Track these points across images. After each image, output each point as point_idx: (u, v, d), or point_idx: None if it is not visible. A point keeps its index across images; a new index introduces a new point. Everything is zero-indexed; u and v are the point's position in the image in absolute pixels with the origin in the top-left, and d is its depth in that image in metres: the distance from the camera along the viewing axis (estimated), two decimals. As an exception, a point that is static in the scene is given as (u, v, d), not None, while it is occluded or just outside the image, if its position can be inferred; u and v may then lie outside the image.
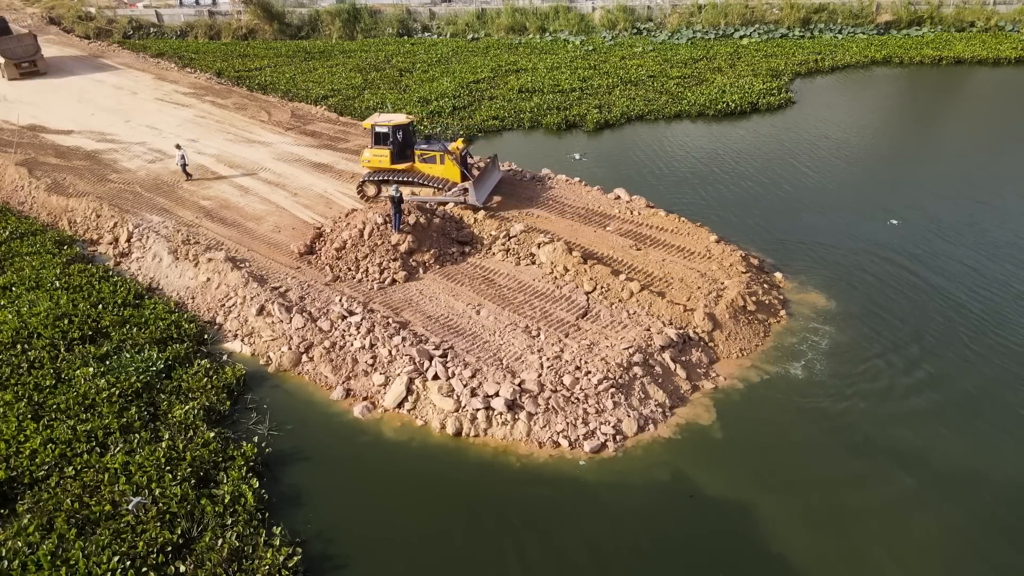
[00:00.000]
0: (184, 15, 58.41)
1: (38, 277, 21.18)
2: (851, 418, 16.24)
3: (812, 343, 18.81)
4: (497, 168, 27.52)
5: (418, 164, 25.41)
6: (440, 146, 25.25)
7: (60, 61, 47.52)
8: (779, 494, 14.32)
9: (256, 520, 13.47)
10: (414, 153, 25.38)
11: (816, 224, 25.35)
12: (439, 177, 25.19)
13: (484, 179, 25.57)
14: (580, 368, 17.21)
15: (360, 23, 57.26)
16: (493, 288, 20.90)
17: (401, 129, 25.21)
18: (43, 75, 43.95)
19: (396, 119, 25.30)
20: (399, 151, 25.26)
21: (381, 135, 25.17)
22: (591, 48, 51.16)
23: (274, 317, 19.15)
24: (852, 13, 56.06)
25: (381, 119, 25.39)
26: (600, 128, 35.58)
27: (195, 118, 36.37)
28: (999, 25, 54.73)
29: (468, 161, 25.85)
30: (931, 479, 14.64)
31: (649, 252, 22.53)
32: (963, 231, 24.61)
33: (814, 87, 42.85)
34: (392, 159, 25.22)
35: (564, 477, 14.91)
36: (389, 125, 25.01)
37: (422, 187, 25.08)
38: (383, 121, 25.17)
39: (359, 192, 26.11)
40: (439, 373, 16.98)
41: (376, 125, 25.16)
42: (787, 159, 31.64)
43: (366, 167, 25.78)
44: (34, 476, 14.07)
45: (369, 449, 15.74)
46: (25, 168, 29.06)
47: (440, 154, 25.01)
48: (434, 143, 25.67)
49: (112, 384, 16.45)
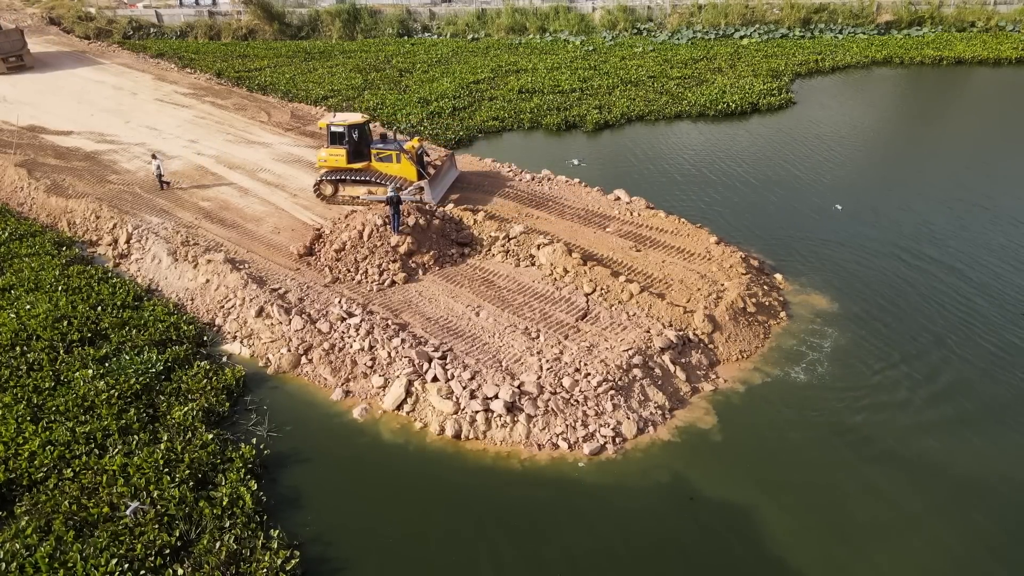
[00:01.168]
0: (184, 15, 58.41)
1: (37, 279, 21.17)
2: (852, 420, 16.20)
3: (812, 344, 18.77)
4: (454, 167, 27.84)
5: (375, 163, 25.56)
6: (396, 145, 25.39)
7: (48, 56, 48.55)
8: (779, 497, 14.28)
9: (254, 522, 13.44)
10: (370, 152, 25.54)
11: (817, 225, 25.31)
12: (395, 176, 25.30)
13: (440, 177, 25.91)
14: (580, 370, 17.18)
15: (360, 23, 57.26)
16: (492, 290, 20.87)
17: (357, 128, 25.39)
18: (30, 69, 45.33)
19: (352, 118, 25.53)
20: (355, 150, 25.43)
21: (337, 135, 25.36)
22: (591, 48, 51.13)
23: (273, 319, 19.12)
24: (852, 13, 56.02)
25: (337, 118, 25.61)
26: (600, 129, 35.56)
27: (195, 119, 36.36)
28: (1000, 25, 54.70)
29: (424, 159, 26.04)
30: (933, 481, 14.59)
31: (649, 253, 22.50)
32: (964, 231, 24.56)
33: (814, 87, 42.82)
34: (348, 158, 25.36)
35: (564, 479, 14.88)
36: (344, 124, 25.23)
37: (379, 186, 25.24)
38: (339, 120, 25.38)
39: (316, 192, 26.19)
40: (438, 375, 16.96)
41: (332, 125, 25.36)
42: (787, 160, 31.60)
43: (322, 167, 25.86)
44: (33, 478, 14.05)
45: (368, 451, 15.71)
46: (25, 169, 29.05)
47: (396, 153, 25.19)
48: (390, 142, 25.80)
49: (111, 386, 16.42)
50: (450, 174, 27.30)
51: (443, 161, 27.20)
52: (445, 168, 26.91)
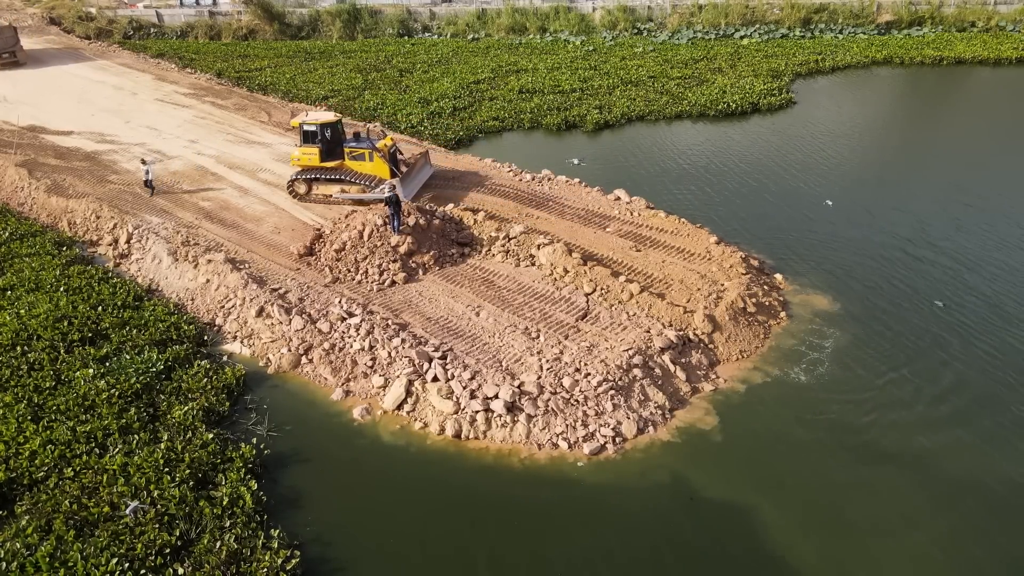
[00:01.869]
0: (184, 15, 58.44)
1: (38, 279, 21.18)
2: (851, 420, 16.20)
3: (812, 345, 18.77)
4: (428, 164, 27.93)
5: (348, 162, 25.76)
6: (368, 143, 25.60)
7: (42, 54, 49.24)
8: (779, 497, 14.28)
9: (255, 522, 13.44)
10: (343, 151, 25.72)
11: (817, 225, 25.31)
12: (368, 174, 25.52)
13: (413, 176, 26.07)
14: (580, 370, 17.19)
15: (360, 23, 57.29)
16: (493, 290, 20.88)
17: (329, 127, 25.68)
18: (23, 65, 46.02)
19: (324, 117, 25.85)
20: (328, 149, 25.67)
21: (309, 134, 25.60)
22: (591, 48, 51.13)
23: (274, 319, 19.14)
24: (853, 13, 56.02)
25: (309, 118, 25.86)
26: (600, 129, 35.57)
27: (195, 119, 36.37)
28: (1000, 25, 54.69)
29: (398, 158, 26.26)
30: (934, 483, 14.59)
31: (649, 253, 22.51)
32: (965, 232, 24.56)
33: (815, 87, 42.82)
34: (322, 157, 25.56)
35: (563, 479, 14.89)
36: (317, 124, 25.48)
37: (352, 184, 25.48)
38: (311, 120, 25.63)
39: (289, 190, 26.37)
40: (438, 375, 16.96)
41: (304, 124, 25.58)
42: (787, 160, 31.61)
43: (296, 166, 26.07)
44: (33, 477, 14.06)
45: (368, 451, 15.72)
46: (25, 169, 29.06)
47: (369, 151, 25.39)
48: (363, 140, 25.99)
49: (112, 385, 16.44)
50: (424, 172, 27.41)
51: (416, 159, 27.36)
52: (419, 166, 27.09)
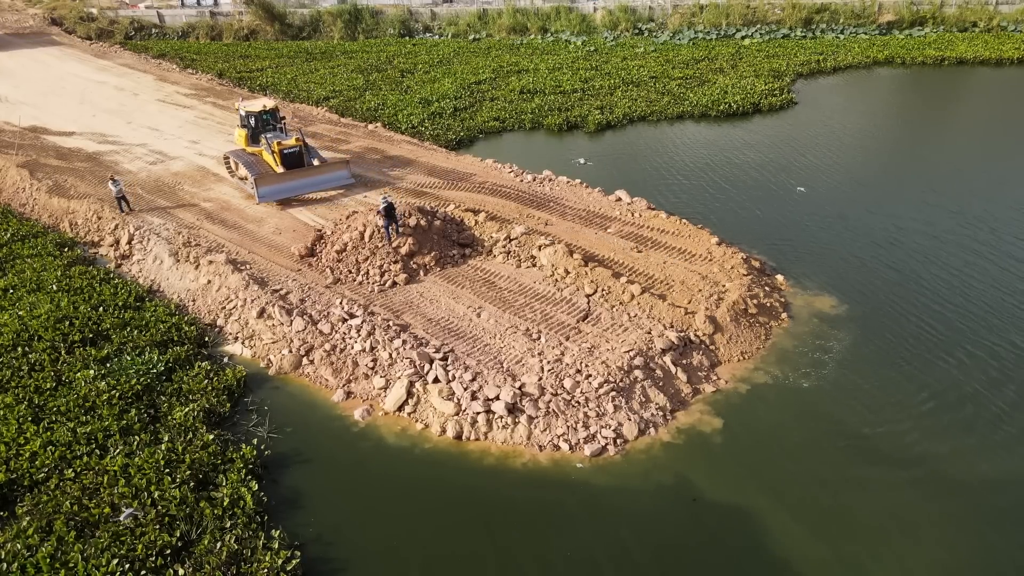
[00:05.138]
0: (186, 16, 58.51)
1: (39, 279, 21.20)
2: (852, 421, 16.17)
3: (814, 346, 18.74)
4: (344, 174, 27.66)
5: (262, 149, 27.70)
6: (271, 138, 27.10)
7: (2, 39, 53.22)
8: (780, 498, 14.26)
9: (255, 523, 13.45)
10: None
11: (818, 226, 25.28)
12: (264, 163, 27.45)
13: (291, 179, 26.67)
14: (581, 371, 17.17)
15: (362, 24, 57.33)
16: (494, 291, 20.87)
17: (254, 116, 27.59)
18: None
19: (253, 106, 27.80)
20: (253, 135, 27.84)
21: (242, 117, 27.87)
22: (593, 49, 51.13)
23: (275, 320, 19.14)
24: (854, 13, 56.00)
25: (244, 104, 28.08)
26: (602, 129, 35.56)
27: (196, 119, 36.40)
28: (1001, 25, 54.64)
29: (305, 158, 27.19)
30: (933, 482, 14.56)
31: (650, 254, 22.48)
32: (966, 233, 24.51)
33: (816, 87, 42.80)
34: (247, 141, 27.90)
35: (565, 480, 14.87)
36: (247, 111, 27.63)
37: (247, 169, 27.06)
38: (245, 106, 27.83)
39: (225, 163, 28.80)
40: (439, 376, 16.95)
41: (240, 108, 27.94)
42: (789, 160, 31.58)
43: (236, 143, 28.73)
44: (34, 478, 14.08)
45: (369, 452, 15.70)
46: (26, 170, 29.11)
47: (268, 144, 27.13)
48: (278, 133, 27.62)
49: (112, 386, 16.44)
50: (321, 179, 27.23)
51: (324, 163, 27.70)
52: (316, 173, 27.15)
